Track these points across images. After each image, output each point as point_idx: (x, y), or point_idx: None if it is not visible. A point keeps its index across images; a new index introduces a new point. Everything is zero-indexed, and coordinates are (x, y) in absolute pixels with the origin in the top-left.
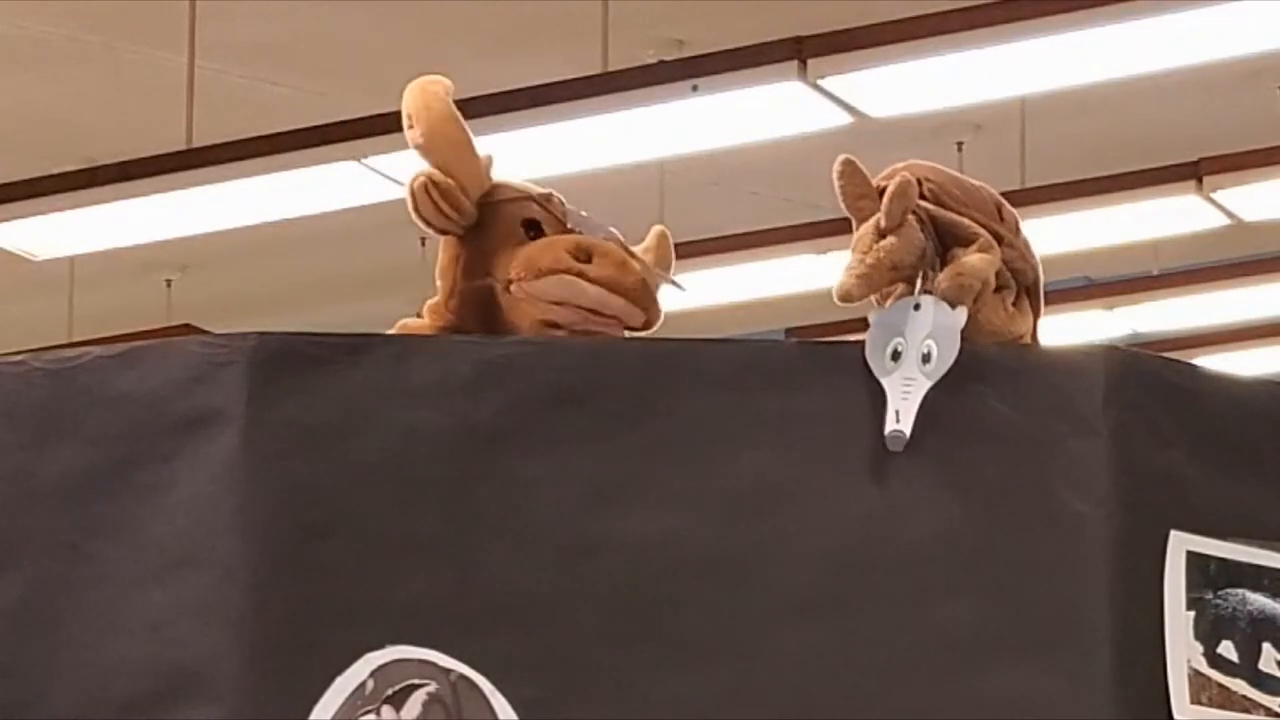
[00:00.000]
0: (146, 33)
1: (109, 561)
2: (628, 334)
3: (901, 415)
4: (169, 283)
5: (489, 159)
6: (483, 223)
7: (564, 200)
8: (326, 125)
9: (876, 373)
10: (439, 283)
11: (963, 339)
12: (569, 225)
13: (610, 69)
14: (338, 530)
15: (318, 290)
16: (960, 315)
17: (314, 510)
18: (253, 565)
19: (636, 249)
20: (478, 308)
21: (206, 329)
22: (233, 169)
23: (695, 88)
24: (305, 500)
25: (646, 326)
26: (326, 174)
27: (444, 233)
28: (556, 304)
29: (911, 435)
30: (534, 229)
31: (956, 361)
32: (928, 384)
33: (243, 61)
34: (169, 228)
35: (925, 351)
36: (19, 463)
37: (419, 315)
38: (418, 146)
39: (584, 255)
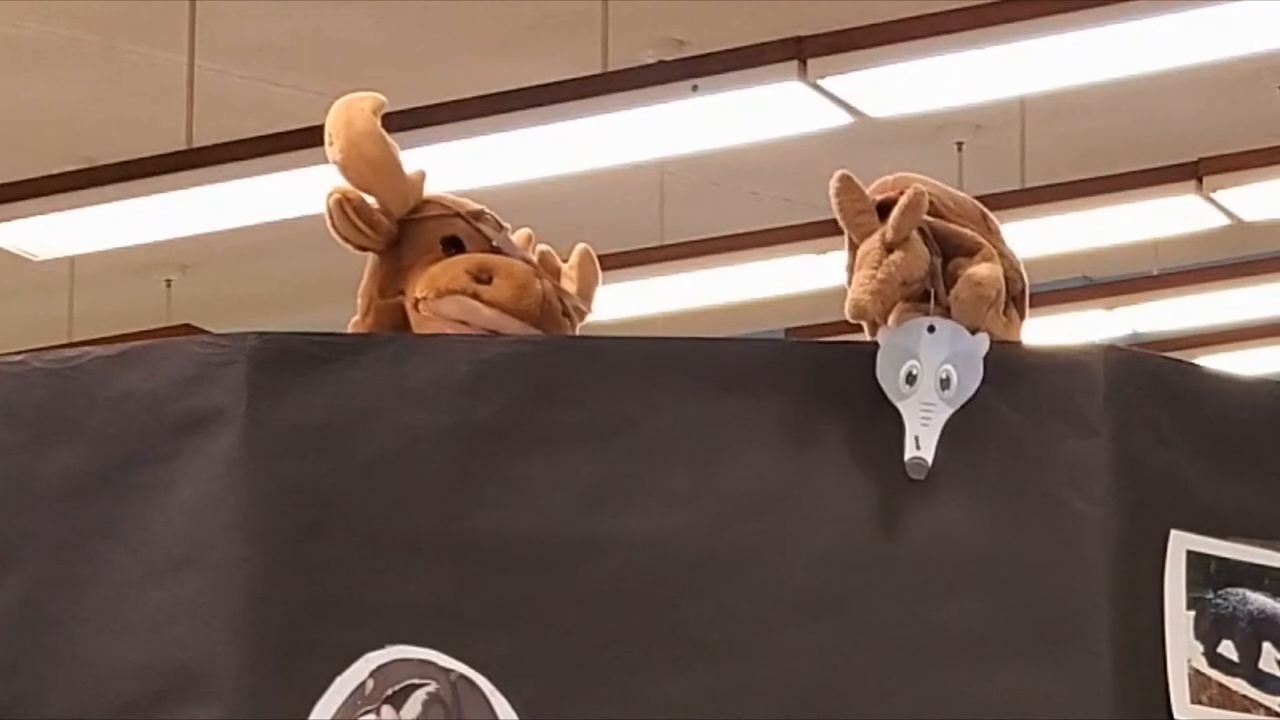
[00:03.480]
0: (146, 33)
1: (109, 561)
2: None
3: (922, 442)
4: (169, 283)
5: (420, 175)
6: (403, 239)
7: (499, 218)
8: None
9: (889, 395)
10: (359, 300)
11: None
12: (494, 244)
13: (610, 69)
14: (338, 530)
15: (318, 290)
16: (982, 342)
17: (314, 510)
18: (253, 565)
19: (564, 267)
20: (392, 326)
21: (206, 329)
22: (233, 169)
23: (695, 88)
24: (305, 500)
25: None
26: (326, 174)
27: (362, 249)
28: (461, 323)
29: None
30: (454, 246)
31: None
32: (949, 410)
33: (243, 61)
34: (169, 228)
35: (944, 377)
36: (19, 463)
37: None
38: (336, 164)
39: (485, 276)
